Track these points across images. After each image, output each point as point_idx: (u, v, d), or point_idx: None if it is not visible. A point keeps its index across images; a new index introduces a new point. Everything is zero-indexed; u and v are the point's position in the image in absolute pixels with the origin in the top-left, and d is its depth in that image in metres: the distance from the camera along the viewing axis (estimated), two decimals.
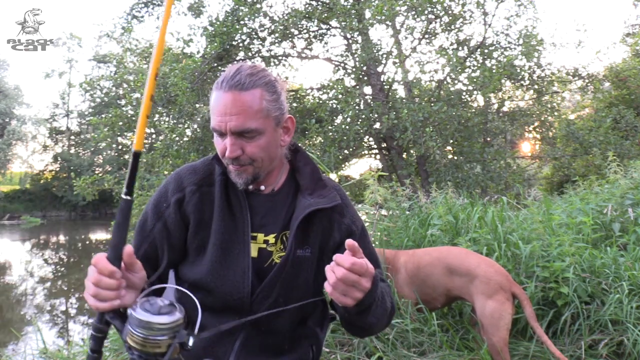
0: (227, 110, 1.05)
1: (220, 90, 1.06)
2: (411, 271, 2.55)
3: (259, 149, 1.09)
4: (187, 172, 1.19)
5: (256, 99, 1.07)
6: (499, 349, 2.11)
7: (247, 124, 1.05)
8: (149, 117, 0.97)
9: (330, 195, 1.18)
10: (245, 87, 1.05)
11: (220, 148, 1.09)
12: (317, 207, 1.14)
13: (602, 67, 10.81)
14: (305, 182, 1.20)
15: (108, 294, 0.87)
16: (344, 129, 7.75)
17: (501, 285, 2.18)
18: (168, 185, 1.19)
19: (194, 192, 1.16)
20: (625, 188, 3.71)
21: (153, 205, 1.18)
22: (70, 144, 32.11)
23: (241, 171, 1.10)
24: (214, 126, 1.08)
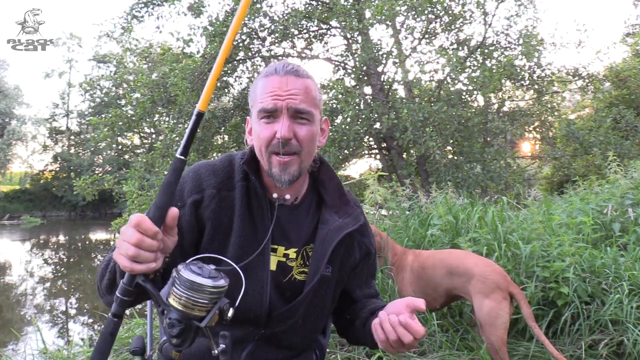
0: (285, 89, 1.03)
1: (275, 75, 1.05)
2: (416, 271, 2.59)
3: (309, 135, 1.05)
4: (206, 171, 1.11)
5: (310, 85, 1.07)
6: (497, 348, 2.12)
7: (304, 104, 1.04)
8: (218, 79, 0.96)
9: (354, 214, 1.15)
10: (301, 74, 1.06)
11: (267, 134, 1.03)
12: (349, 229, 1.11)
13: (602, 67, 10.81)
14: (331, 198, 1.16)
15: (148, 255, 0.83)
16: (344, 129, 7.74)
17: (498, 284, 2.19)
18: (184, 183, 1.10)
19: (214, 196, 1.08)
20: (625, 188, 3.71)
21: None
22: (70, 144, 32.10)
23: (288, 163, 1.04)
24: (268, 106, 1.03)
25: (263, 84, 1.05)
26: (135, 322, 3.23)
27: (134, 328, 3.13)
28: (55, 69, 32.07)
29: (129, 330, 3.11)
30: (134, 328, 3.13)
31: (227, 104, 10.47)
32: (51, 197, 29.43)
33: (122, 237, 0.84)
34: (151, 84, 8.76)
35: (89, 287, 10.35)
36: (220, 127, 9.84)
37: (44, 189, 29.85)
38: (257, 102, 1.05)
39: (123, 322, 3.33)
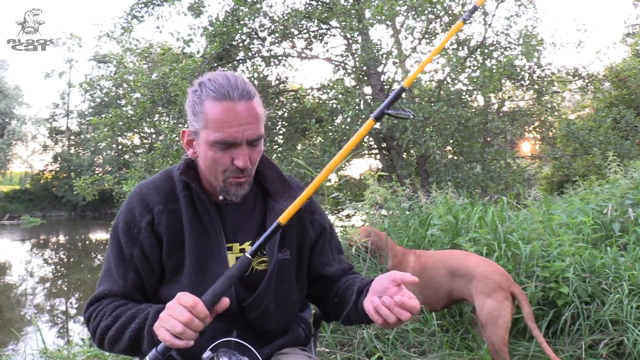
0: (243, 120, 1.03)
1: (229, 101, 1.03)
2: (417, 272, 2.58)
3: (259, 155, 1.12)
4: (149, 190, 1.15)
5: (259, 106, 1.08)
6: (498, 348, 2.12)
7: (259, 131, 1.07)
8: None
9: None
10: (252, 95, 1.06)
11: (224, 162, 1.06)
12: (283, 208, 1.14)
13: (602, 67, 10.81)
14: (273, 186, 1.21)
15: (191, 334, 0.91)
16: (344, 129, 7.74)
17: (499, 284, 2.19)
18: (133, 209, 1.14)
19: (162, 211, 1.13)
20: (625, 188, 3.71)
21: (124, 233, 1.13)
22: (70, 144, 32.10)
23: (243, 182, 1.10)
24: (226, 138, 1.04)
25: (215, 110, 1.03)
26: None
27: None
28: (55, 69, 32.08)
29: None
30: None
31: None
32: (51, 197, 29.43)
33: (169, 312, 0.92)
34: (151, 84, 8.75)
35: (89, 287, 10.35)
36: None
37: (44, 189, 29.85)
38: (210, 128, 1.04)
39: None
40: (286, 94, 10.66)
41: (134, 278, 1.12)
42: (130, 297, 1.11)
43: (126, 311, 1.05)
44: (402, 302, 0.96)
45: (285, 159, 8.44)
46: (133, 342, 1.02)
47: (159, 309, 1.01)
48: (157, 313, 1.00)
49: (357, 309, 1.13)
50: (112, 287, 1.11)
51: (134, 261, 1.11)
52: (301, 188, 1.24)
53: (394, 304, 0.97)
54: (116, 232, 1.15)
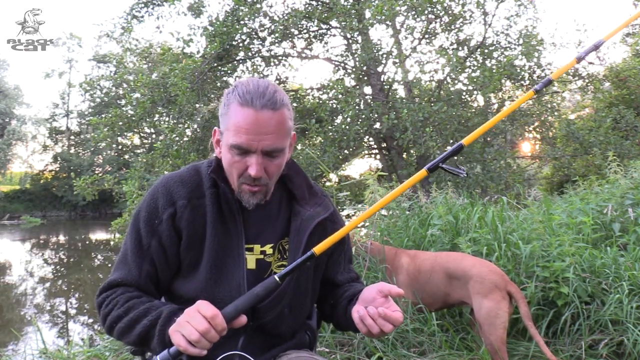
0: (262, 129, 1.03)
1: (251, 108, 1.03)
2: (412, 274, 2.58)
3: (278, 168, 1.10)
4: (175, 183, 1.15)
5: (285, 118, 1.07)
6: (497, 348, 2.12)
7: (278, 143, 1.05)
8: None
9: (324, 203, 1.21)
10: (277, 106, 1.05)
11: (240, 166, 1.07)
12: (320, 217, 1.17)
13: (603, 67, 10.81)
14: (300, 191, 1.21)
15: (206, 344, 0.93)
16: (344, 129, 7.74)
17: (496, 284, 2.19)
18: (157, 200, 1.14)
19: (185, 206, 1.13)
20: (625, 188, 3.71)
21: (145, 222, 1.13)
22: (70, 144, 32.10)
23: (257, 192, 1.10)
24: (242, 144, 1.04)
25: (237, 115, 1.04)
26: None
27: None
28: (55, 69, 32.09)
29: None
30: None
31: None
32: (51, 197, 29.43)
33: (188, 319, 0.94)
34: (151, 84, 8.75)
35: (89, 287, 10.35)
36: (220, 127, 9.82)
37: (44, 189, 29.85)
38: (230, 130, 1.05)
39: None
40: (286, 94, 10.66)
41: (149, 269, 1.12)
42: (144, 287, 1.12)
43: (139, 305, 1.06)
44: (385, 314, 0.98)
45: None
46: (142, 338, 1.03)
47: (172, 310, 1.03)
48: (171, 314, 1.02)
49: (346, 316, 1.14)
50: (127, 276, 1.11)
51: (151, 252, 1.12)
52: (325, 196, 1.26)
53: (377, 315, 0.99)
54: (137, 221, 1.15)
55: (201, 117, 9.33)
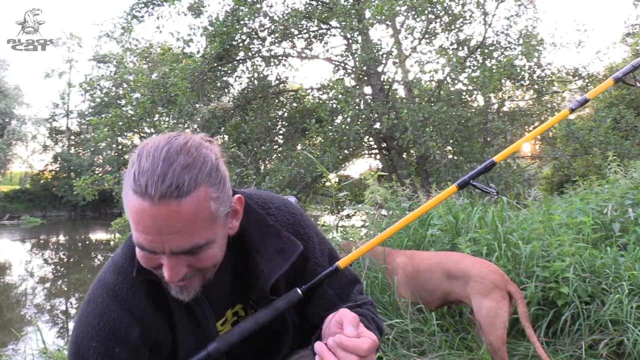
0: (164, 229, 0.76)
1: (145, 200, 0.74)
2: (410, 274, 2.58)
3: (209, 260, 0.84)
4: (126, 292, 0.90)
5: (201, 204, 0.77)
6: (497, 348, 2.12)
7: (194, 240, 0.79)
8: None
9: (286, 246, 0.97)
10: (184, 191, 0.75)
11: (153, 265, 0.83)
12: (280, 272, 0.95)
13: (602, 67, 10.80)
14: (252, 239, 0.97)
15: None
16: (344, 129, 7.74)
17: (496, 283, 2.19)
18: (114, 322, 0.88)
19: (153, 315, 0.92)
20: (625, 188, 3.71)
21: (96, 354, 0.88)
22: (70, 144, 32.11)
23: (186, 286, 0.85)
24: (142, 243, 0.79)
25: (133, 206, 0.76)
26: None
27: None
28: (55, 69, 32.10)
29: None
30: None
31: (227, 104, 10.48)
32: (51, 197, 29.44)
33: None
34: (151, 84, 8.76)
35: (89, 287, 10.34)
36: (220, 127, 9.84)
37: (44, 189, 29.86)
38: (130, 221, 0.79)
39: None
40: (286, 94, 10.67)
41: None
42: None
43: None
44: (342, 343, 0.77)
45: (285, 159, 8.45)
46: None
47: None
48: None
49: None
50: None
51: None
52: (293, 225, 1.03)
53: (336, 347, 0.79)
54: (83, 351, 0.88)
55: (201, 117, 9.35)
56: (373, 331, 0.96)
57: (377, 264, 2.83)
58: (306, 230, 1.05)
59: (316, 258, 1.04)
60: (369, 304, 1.07)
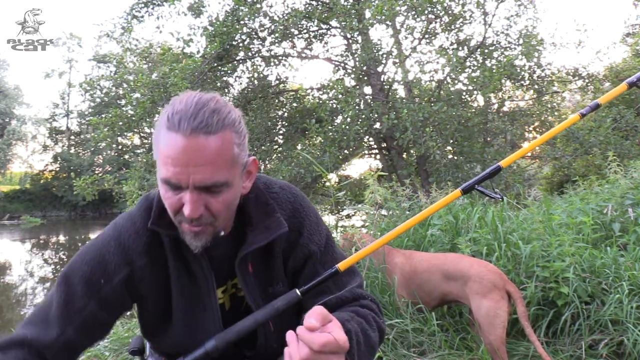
0: (191, 161, 0.82)
1: (178, 133, 0.82)
2: (407, 274, 2.59)
3: (224, 204, 0.89)
4: (129, 237, 0.97)
5: (226, 144, 0.85)
6: (496, 348, 2.12)
7: (216, 176, 0.85)
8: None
9: (274, 225, 1.00)
10: (214, 129, 0.83)
11: (173, 203, 0.88)
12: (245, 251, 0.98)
13: (602, 67, 10.81)
14: (250, 214, 1.02)
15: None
16: (344, 129, 7.74)
17: (495, 283, 2.20)
18: (107, 256, 0.95)
19: (145, 264, 0.96)
20: (625, 188, 3.71)
21: (83, 280, 0.94)
22: (70, 144, 32.13)
23: (200, 232, 0.90)
24: (169, 178, 0.84)
25: (165, 142, 0.84)
26: (135, 322, 3.23)
27: (134, 328, 3.13)
28: (55, 69, 32.17)
29: (129, 330, 3.11)
30: (134, 328, 3.13)
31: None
32: (51, 197, 29.45)
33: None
34: (151, 84, 8.75)
35: None
36: None
37: (44, 189, 29.87)
38: (159, 162, 0.86)
39: (123, 322, 3.33)
40: (286, 94, 10.67)
41: (72, 336, 0.92)
42: (55, 356, 0.91)
43: None
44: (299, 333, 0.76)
45: (285, 159, 8.45)
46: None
47: None
48: None
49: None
50: (40, 336, 0.91)
51: (83, 315, 0.93)
52: (290, 207, 1.06)
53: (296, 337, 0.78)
54: (71, 275, 0.95)
55: None
56: (372, 338, 0.95)
57: (376, 263, 2.83)
58: (305, 210, 1.07)
59: (310, 235, 1.06)
60: (370, 299, 1.05)
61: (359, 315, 0.96)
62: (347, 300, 1.02)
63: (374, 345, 0.97)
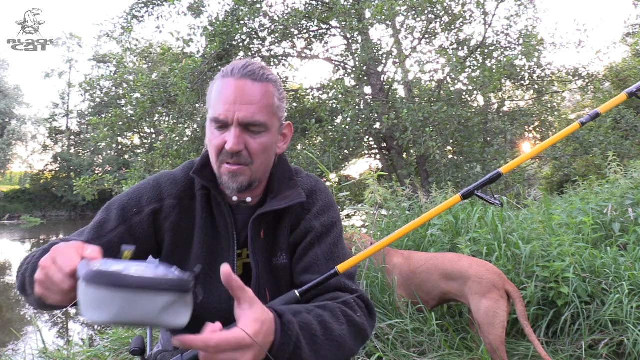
0: (238, 99, 0.96)
1: (230, 78, 0.98)
2: (406, 274, 2.59)
3: (262, 147, 1.00)
4: (167, 181, 1.08)
5: (268, 93, 1.00)
6: (496, 347, 2.12)
7: (257, 115, 0.98)
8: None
9: (292, 195, 1.07)
10: (259, 78, 0.99)
11: (218, 142, 0.99)
12: (263, 211, 1.04)
13: (602, 67, 10.81)
14: (273, 185, 1.10)
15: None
16: (344, 129, 7.75)
17: (494, 283, 2.20)
18: (143, 191, 1.07)
19: (174, 206, 1.05)
20: (625, 188, 3.71)
21: (119, 207, 1.04)
22: (70, 144, 32.11)
23: (237, 172, 0.99)
24: (218, 115, 0.97)
25: (218, 87, 1.00)
26: None
27: (134, 328, 3.13)
28: (55, 69, 32.18)
29: (129, 330, 3.11)
30: (134, 328, 3.13)
31: None
32: (51, 197, 29.43)
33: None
34: (151, 84, 8.76)
35: None
36: None
37: (44, 189, 29.85)
38: (212, 106, 1.00)
39: None
40: (286, 94, 10.67)
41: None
42: None
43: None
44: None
45: None
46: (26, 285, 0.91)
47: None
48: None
49: None
50: (71, 239, 1.00)
51: (112, 236, 1.01)
52: (313, 185, 1.14)
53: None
54: (112, 203, 1.07)
55: (201, 117, 9.34)
56: (337, 331, 0.89)
57: (376, 263, 2.83)
58: (321, 194, 1.14)
59: (317, 214, 1.09)
60: (355, 294, 1.01)
61: (321, 308, 0.92)
62: (329, 288, 1.00)
63: (341, 340, 0.90)
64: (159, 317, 0.63)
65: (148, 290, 0.63)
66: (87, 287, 0.64)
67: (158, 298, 0.63)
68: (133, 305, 0.62)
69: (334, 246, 1.07)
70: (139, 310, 0.62)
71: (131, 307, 0.62)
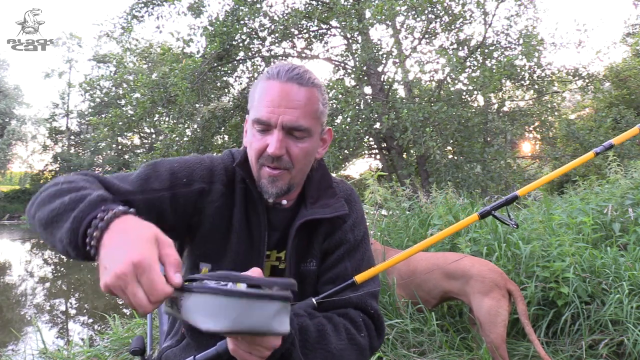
0: (283, 102, 0.94)
1: (276, 80, 0.96)
2: (405, 275, 2.59)
3: (303, 152, 0.99)
4: (219, 165, 1.05)
5: (313, 97, 0.98)
6: (497, 346, 2.12)
7: (301, 120, 0.96)
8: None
9: (336, 204, 1.07)
10: (305, 82, 0.97)
11: (259, 145, 0.97)
12: (311, 217, 1.04)
13: (603, 67, 10.82)
14: (311, 190, 1.09)
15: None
16: (344, 129, 7.75)
17: (496, 282, 2.20)
18: (196, 166, 1.03)
19: (222, 193, 1.03)
20: (626, 188, 3.71)
21: (169, 171, 1.00)
22: (70, 144, 32.11)
23: (277, 177, 0.98)
24: (262, 117, 0.95)
25: (262, 88, 0.98)
26: (135, 322, 3.23)
27: (134, 328, 3.13)
28: (55, 69, 32.12)
29: (129, 330, 3.11)
30: (134, 328, 3.13)
31: (227, 104, 10.48)
32: None
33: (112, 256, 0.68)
34: (151, 84, 8.76)
35: (89, 287, 10.35)
36: (220, 127, 9.85)
37: None
38: (254, 107, 0.98)
39: (123, 322, 3.33)
40: None
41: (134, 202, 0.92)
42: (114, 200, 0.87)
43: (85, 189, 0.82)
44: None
45: None
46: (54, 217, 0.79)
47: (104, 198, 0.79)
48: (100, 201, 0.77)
49: None
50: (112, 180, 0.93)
51: (153, 196, 0.95)
52: (348, 195, 1.14)
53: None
54: (159, 164, 1.01)
55: (201, 117, 9.35)
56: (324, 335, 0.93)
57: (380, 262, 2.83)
58: (356, 203, 1.16)
59: (352, 226, 1.11)
60: (369, 315, 1.04)
61: (327, 319, 0.98)
62: (350, 304, 1.03)
63: (337, 353, 0.94)
64: (271, 324, 0.67)
65: (262, 298, 0.67)
66: (203, 296, 0.67)
67: (270, 305, 0.67)
68: (249, 313, 0.66)
69: (362, 261, 1.10)
70: (254, 318, 0.66)
71: (247, 314, 0.66)
